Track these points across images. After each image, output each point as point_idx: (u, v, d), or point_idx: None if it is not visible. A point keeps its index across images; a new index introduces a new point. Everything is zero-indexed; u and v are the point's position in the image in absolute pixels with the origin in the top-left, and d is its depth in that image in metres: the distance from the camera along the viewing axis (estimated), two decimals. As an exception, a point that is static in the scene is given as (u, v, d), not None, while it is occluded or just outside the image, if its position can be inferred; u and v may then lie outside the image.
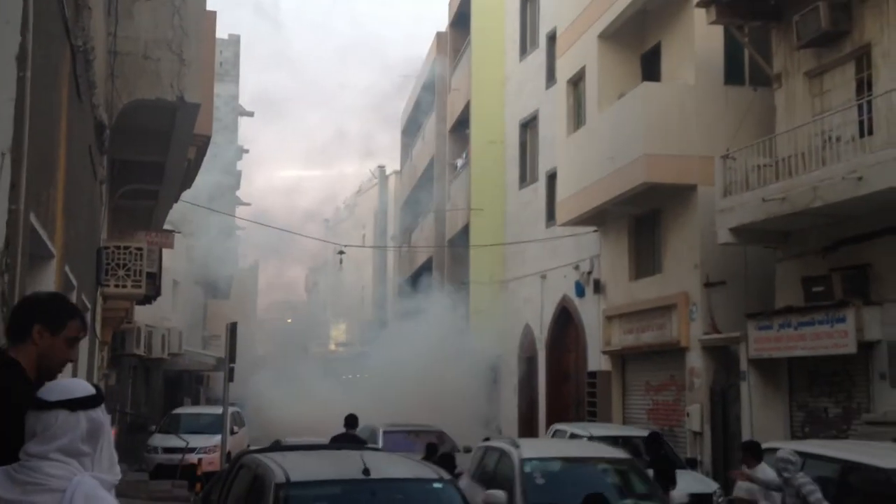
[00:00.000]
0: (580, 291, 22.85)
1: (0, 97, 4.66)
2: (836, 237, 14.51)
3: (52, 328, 3.10)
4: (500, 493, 9.80)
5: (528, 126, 27.73)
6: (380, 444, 16.19)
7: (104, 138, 11.41)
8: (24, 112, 4.81)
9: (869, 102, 13.58)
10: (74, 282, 8.75)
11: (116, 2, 11.67)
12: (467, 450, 17.46)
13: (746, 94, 17.75)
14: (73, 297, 9.09)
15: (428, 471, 7.48)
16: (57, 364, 3.16)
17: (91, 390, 2.93)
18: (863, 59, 14.34)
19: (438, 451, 11.72)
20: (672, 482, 11.97)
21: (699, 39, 18.01)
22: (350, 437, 13.74)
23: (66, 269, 7.82)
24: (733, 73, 18.22)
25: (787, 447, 9.41)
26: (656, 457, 12.44)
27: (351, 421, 14.26)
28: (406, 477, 7.40)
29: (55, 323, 3.12)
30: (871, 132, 13.45)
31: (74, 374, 9.26)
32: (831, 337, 13.74)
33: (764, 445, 11.25)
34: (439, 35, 36.12)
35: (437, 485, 7.25)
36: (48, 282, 6.83)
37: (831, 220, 14.24)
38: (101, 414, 2.89)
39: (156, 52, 12.02)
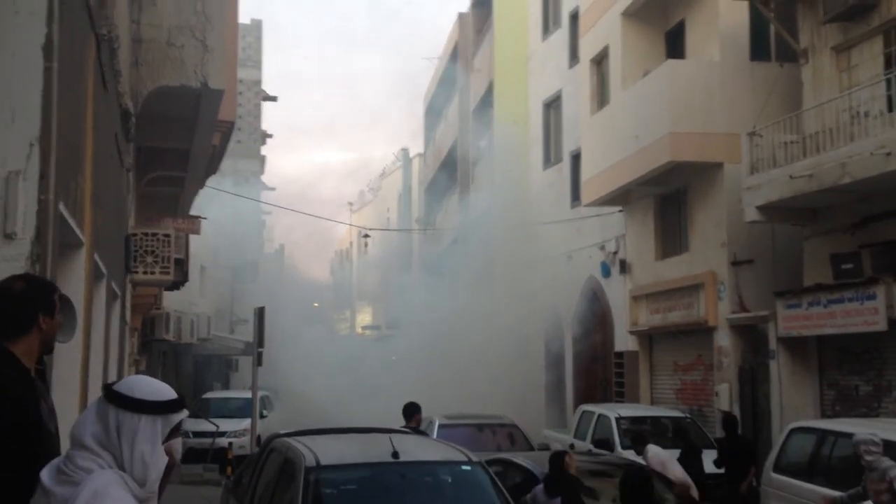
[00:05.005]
0: (606, 272, 22.78)
1: (27, 88, 4.69)
2: (864, 213, 14.35)
3: (52, 312, 3.22)
4: None
5: (552, 106, 27.58)
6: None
7: (130, 126, 11.46)
8: (52, 102, 4.84)
9: (898, 76, 13.40)
10: (104, 269, 8.81)
11: (139, -11, 11.71)
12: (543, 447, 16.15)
13: (772, 70, 17.53)
14: (103, 285, 9.16)
15: (457, 453, 7.49)
16: (54, 339, 3.28)
17: (136, 392, 2.73)
18: (891, 32, 14.13)
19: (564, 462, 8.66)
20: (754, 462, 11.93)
21: (724, 15, 17.82)
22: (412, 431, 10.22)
23: (96, 256, 7.88)
24: (759, 48, 18.02)
25: (864, 431, 8.38)
26: (734, 439, 12.35)
27: (408, 410, 11.23)
28: (435, 459, 7.43)
29: (53, 307, 3.24)
30: (900, 107, 13.28)
31: (106, 360, 9.35)
32: (861, 314, 13.63)
33: (793, 424, 11.24)
34: (461, 15, 35.95)
35: (466, 467, 7.27)
36: (78, 270, 6.89)
37: (860, 197, 14.08)
38: (133, 418, 2.67)
39: (179, 39, 12.06)
